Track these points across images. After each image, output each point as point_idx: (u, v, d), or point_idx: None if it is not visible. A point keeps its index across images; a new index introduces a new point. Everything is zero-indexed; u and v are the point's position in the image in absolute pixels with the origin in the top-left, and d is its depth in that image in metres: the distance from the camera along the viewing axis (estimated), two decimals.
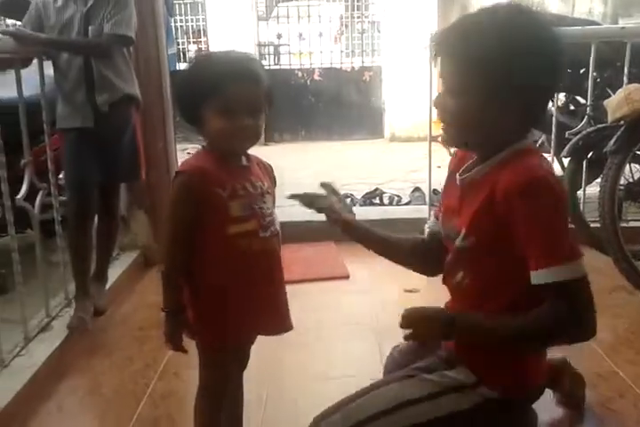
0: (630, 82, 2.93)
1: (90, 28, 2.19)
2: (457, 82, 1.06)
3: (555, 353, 1.66)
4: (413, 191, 4.14)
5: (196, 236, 1.23)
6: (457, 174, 1.17)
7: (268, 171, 1.36)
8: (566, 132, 2.99)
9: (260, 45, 7.41)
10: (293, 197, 1.37)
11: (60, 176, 2.30)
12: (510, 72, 1.01)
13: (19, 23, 2.70)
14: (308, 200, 1.38)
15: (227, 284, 1.25)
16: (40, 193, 2.10)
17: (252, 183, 1.28)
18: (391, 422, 1.13)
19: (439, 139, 1.16)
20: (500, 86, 1.03)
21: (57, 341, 2.03)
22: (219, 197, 1.21)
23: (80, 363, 2.05)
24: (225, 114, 1.19)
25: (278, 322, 1.33)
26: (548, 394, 1.64)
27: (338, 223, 1.37)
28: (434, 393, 1.16)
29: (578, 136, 2.73)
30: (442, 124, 1.12)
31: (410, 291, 2.58)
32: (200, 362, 1.34)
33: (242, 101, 1.19)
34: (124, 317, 2.40)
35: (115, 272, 2.66)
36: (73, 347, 2.09)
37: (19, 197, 1.97)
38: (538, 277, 1.02)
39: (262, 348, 1.44)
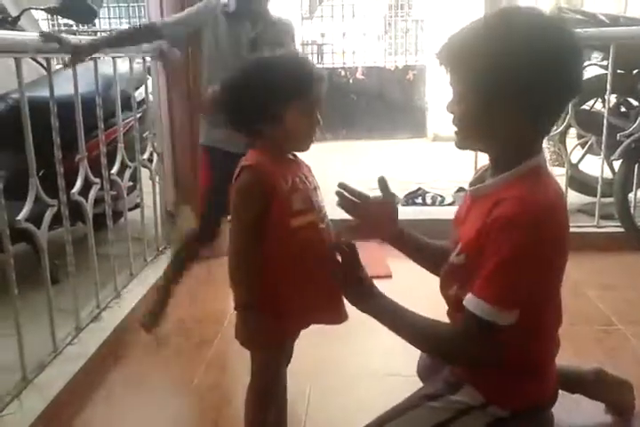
0: None
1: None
2: (460, 89, 1.07)
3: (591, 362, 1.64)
4: (457, 191, 4.10)
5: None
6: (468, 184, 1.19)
7: (309, 168, 1.39)
8: (617, 135, 2.94)
9: (303, 44, 7.44)
10: (341, 187, 1.34)
11: (113, 171, 2.35)
12: (510, 78, 1.00)
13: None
14: (349, 205, 1.36)
15: (289, 276, 1.27)
16: (93, 188, 2.14)
17: (306, 177, 1.32)
18: None
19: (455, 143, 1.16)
20: (502, 92, 1.02)
21: (107, 331, 2.08)
22: (283, 190, 1.24)
23: (128, 354, 2.09)
24: (309, 113, 1.25)
25: (338, 311, 1.35)
26: (591, 403, 1.62)
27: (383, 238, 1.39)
28: (443, 421, 1.15)
29: (631, 138, 2.68)
30: (454, 129, 1.13)
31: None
32: (253, 360, 1.35)
33: (321, 101, 1.26)
34: (171, 309, 2.42)
35: (160, 265, 2.69)
36: (122, 338, 2.14)
37: (73, 191, 2.02)
38: (468, 300, 1.05)
39: (304, 343, 1.45)
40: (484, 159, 3.15)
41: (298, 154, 1.36)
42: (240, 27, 2.22)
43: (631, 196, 2.92)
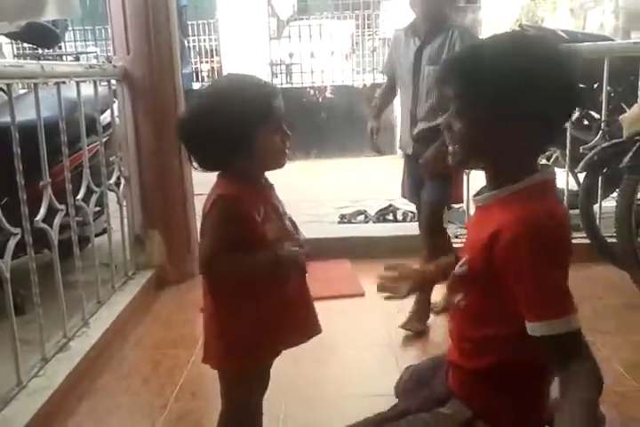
0: None
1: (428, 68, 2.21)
2: (461, 105, 1.07)
3: None
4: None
5: None
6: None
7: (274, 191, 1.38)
8: (580, 147, 2.99)
9: (272, 64, 7.48)
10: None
11: (78, 197, 2.32)
12: (511, 98, 1.01)
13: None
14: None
15: (264, 304, 1.26)
16: (58, 214, 2.11)
17: (277, 204, 1.31)
18: None
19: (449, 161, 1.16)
20: (503, 111, 1.02)
21: (74, 361, 2.02)
22: (255, 221, 1.22)
23: (97, 383, 2.04)
24: (279, 132, 1.24)
25: (311, 326, 1.36)
26: None
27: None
28: None
29: (593, 151, 2.72)
30: (449, 147, 1.12)
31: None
32: (224, 390, 1.33)
33: (282, 114, 1.26)
34: (140, 336, 2.40)
35: (129, 292, 2.67)
36: (90, 367, 2.09)
37: (37, 218, 1.98)
38: (534, 329, 1.01)
39: (279, 365, 1.43)
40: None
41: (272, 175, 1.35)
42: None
43: (596, 207, 2.96)
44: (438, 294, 2.43)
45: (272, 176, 1.34)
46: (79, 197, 2.32)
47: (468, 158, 1.11)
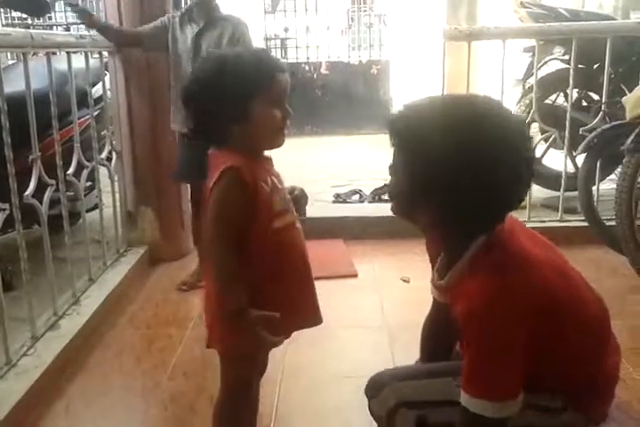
0: None
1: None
2: (397, 163, 1.06)
3: None
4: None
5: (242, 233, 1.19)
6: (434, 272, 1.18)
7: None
8: (580, 129, 2.95)
9: (267, 39, 7.35)
10: None
11: (69, 171, 2.26)
12: (439, 173, 0.98)
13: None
14: None
15: (275, 278, 1.22)
16: (48, 189, 2.05)
17: (278, 177, 1.29)
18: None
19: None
20: (428, 184, 1.00)
21: (65, 340, 1.99)
22: (265, 192, 1.19)
23: (88, 362, 2.01)
24: (276, 105, 1.20)
25: (316, 313, 1.33)
26: None
27: None
28: None
29: (593, 133, 2.69)
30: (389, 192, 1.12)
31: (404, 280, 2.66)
32: (224, 370, 1.30)
33: (286, 91, 1.22)
34: (132, 315, 2.37)
35: (122, 269, 2.63)
36: (81, 346, 2.06)
37: (26, 193, 1.92)
38: (462, 394, 1.03)
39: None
40: None
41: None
42: (187, 27, 2.48)
43: (594, 189, 2.94)
44: None
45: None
46: (70, 171, 2.26)
47: (406, 214, 1.10)
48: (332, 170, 4.89)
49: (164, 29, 2.50)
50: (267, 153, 1.31)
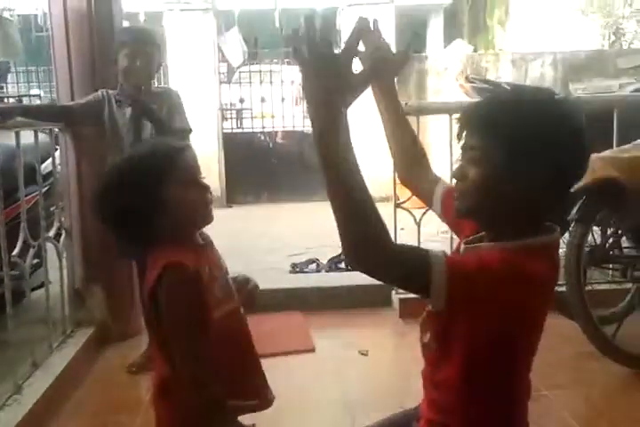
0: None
1: None
2: (482, 154, 1.03)
3: None
4: None
5: None
6: (462, 241, 1.13)
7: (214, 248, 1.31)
8: None
9: (223, 109, 7.48)
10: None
11: (14, 253, 2.19)
12: (534, 157, 0.99)
13: None
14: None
15: (217, 369, 1.17)
16: None
17: (217, 262, 1.26)
18: None
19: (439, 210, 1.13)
20: (521, 167, 1.00)
21: None
22: (204, 282, 1.16)
23: None
24: (190, 184, 1.19)
25: (265, 396, 1.29)
26: None
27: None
28: None
29: None
30: (457, 194, 1.08)
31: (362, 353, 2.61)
32: None
33: (194, 167, 1.21)
34: (78, 401, 2.24)
35: (68, 351, 2.51)
36: None
37: None
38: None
39: None
40: (402, 222, 3.16)
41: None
42: (124, 105, 2.50)
43: None
44: None
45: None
46: (15, 252, 2.19)
47: (474, 207, 1.05)
48: (288, 239, 4.89)
49: (99, 104, 2.51)
50: (208, 236, 1.29)
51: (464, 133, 1.06)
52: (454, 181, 1.09)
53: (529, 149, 0.99)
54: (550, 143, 0.99)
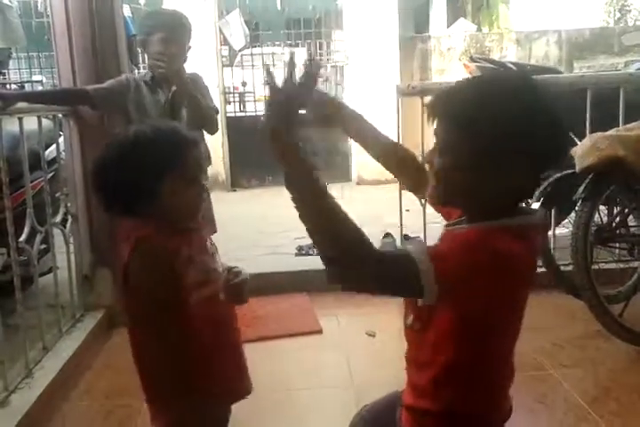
0: (592, 127, 2.99)
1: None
2: (445, 141, 1.03)
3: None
4: (384, 237, 4.10)
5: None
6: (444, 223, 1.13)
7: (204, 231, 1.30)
8: None
9: (225, 93, 7.43)
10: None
11: (21, 239, 2.20)
12: (498, 137, 0.98)
13: None
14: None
15: (198, 355, 1.18)
16: None
17: (204, 245, 1.25)
18: None
19: (427, 197, 1.13)
20: (487, 150, 0.99)
21: (16, 418, 1.87)
22: (179, 263, 1.15)
23: None
24: (188, 184, 1.18)
25: (246, 385, 1.30)
26: None
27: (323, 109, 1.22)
28: None
29: (546, 182, 2.75)
30: (430, 180, 1.07)
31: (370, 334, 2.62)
32: None
33: (201, 166, 1.21)
34: (89, 385, 2.27)
35: (78, 335, 2.54)
36: (33, 424, 1.95)
37: None
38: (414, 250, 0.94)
39: (235, 410, 1.36)
40: (407, 203, 3.15)
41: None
42: (158, 91, 2.47)
43: (550, 236, 2.99)
44: None
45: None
46: (22, 238, 2.20)
47: (445, 194, 1.06)
48: (293, 222, 4.86)
49: (122, 89, 2.46)
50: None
51: (439, 118, 1.05)
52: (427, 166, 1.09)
53: (491, 137, 0.98)
54: (514, 130, 0.97)
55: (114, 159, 1.16)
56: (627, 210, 2.70)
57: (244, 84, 7.32)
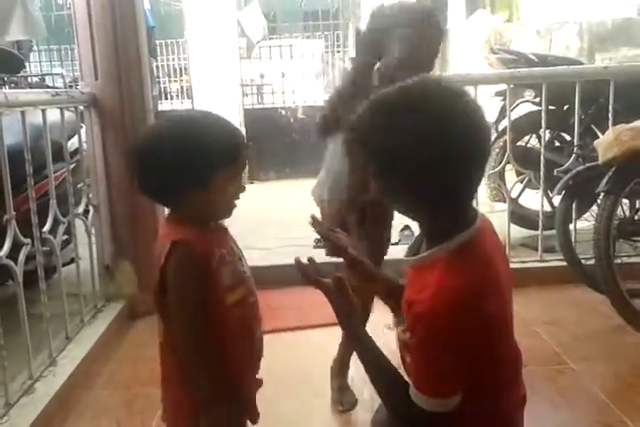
0: (615, 118, 2.96)
1: None
2: (370, 166, 1.06)
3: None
4: (402, 230, 4.09)
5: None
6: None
7: (229, 235, 1.31)
8: (555, 170, 2.99)
9: (243, 85, 7.43)
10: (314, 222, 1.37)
11: (45, 229, 2.22)
12: (400, 159, 0.99)
13: None
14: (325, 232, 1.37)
15: (233, 359, 1.18)
16: (23, 249, 2.01)
17: (233, 247, 1.26)
18: None
19: None
20: (397, 172, 1.01)
21: (41, 405, 1.91)
22: (213, 266, 1.15)
23: None
24: (234, 181, 1.20)
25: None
26: None
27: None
28: None
29: (568, 175, 2.73)
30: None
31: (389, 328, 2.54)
32: None
33: (245, 167, 1.24)
34: (110, 375, 2.30)
35: (99, 325, 2.57)
36: (58, 411, 1.98)
37: (1, 254, 1.88)
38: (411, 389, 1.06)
39: (263, 398, 1.35)
40: None
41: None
42: None
43: (572, 229, 2.96)
44: None
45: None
46: (46, 229, 2.22)
47: (405, 215, 1.13)
48: (310, 212, 4.89)
49: None
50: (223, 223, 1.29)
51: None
52: None
53: (399, 160, 0.99)
54: (418, 148, 0.97)
55: (177, 140, 1.13)
56: None
57: (261, 76, 7.31)
